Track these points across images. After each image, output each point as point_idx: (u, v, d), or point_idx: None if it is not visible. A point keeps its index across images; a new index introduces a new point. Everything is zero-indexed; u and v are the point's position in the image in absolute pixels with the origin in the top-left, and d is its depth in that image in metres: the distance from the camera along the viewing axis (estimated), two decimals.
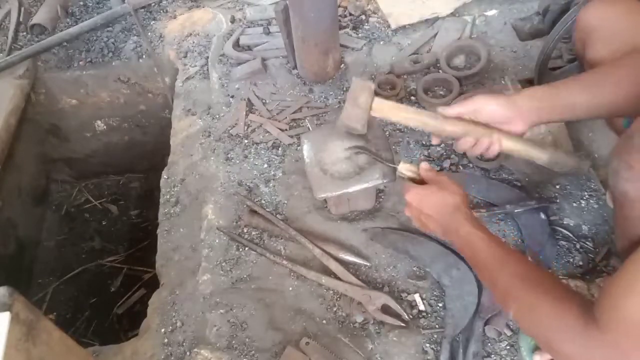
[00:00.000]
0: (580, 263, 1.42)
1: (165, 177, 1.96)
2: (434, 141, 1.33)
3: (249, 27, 2.26)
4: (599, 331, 0.78)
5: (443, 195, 1.14)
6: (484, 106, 1.18)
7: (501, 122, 1.19)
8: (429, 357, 1.30)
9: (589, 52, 1.30)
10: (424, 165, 1.22)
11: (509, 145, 1.24)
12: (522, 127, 1.19)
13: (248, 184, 1.74)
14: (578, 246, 1.45)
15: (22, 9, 2.60)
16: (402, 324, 1.35)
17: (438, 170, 1.64)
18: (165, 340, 1.48)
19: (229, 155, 1.83)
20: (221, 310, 1.45)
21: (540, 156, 1.29)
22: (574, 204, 1.53)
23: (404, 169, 1.24)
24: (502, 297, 0.99)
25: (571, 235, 1.47)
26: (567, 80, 1.18)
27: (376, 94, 1.33)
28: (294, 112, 1.92)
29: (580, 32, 1.33)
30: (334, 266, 1.47)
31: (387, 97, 1.85)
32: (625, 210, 0.94)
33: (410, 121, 1.29)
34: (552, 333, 0.85)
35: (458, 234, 1.09)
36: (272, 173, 1.75)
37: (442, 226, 1.14)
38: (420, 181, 1.23)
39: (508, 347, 1.30)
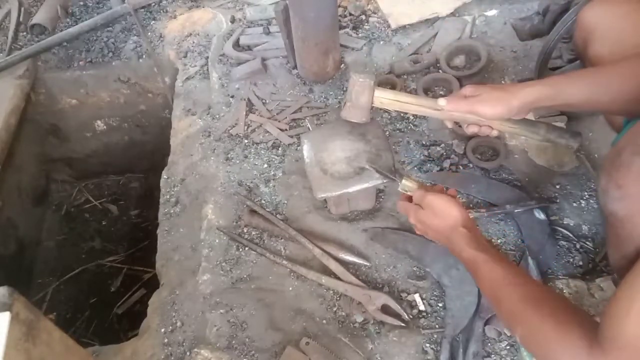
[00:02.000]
0: (580, 263, 1.42)
1: (165, 177, 1.96)
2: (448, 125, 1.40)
3: (249, 27, 2.26)
4: (602, 354, 0.77)
5: (438, 219, 1.15)
6: (485, 113, 1.19)
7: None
8: (429, 357, 1.30)
9: (590, 51, 1.30)
10: (414, 186, 1.24)
11: (507, 128, 1.30)
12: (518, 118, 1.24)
13: (248, 184, 1.74)
14: (578, 246, 1.45)
15: (22, 9, 2.60)
16: (402, 324, 1.35)
17: (438, 170, 1.65)
18: (165, 340, 1.48)
19: (229, 155, 1.83)
20: (221, 310, 1.45)
21: (535, 135, 1.34)
22: (574, 204, 1.53)
23: (407, 187, 1.25)
24: (506, 320, 0.99)
25: (571, 235, 1.47)
26: (568, 76, 1.20)
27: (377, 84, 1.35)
28: (294, 112, 1.92)
29: (581, 31, 1.34)
30: (334, 266, 1.47)
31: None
32: (615, 228, 0.92)
33: (411, 110, 1.33)
34: (557, 357, 0.84)
35: (461, 257, 1.11)
36: (272, 173, 1.75)
37: (445, 245, 1.17)
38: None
39: (508, 347, 1.30)
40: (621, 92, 1.07)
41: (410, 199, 1.25)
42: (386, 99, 1.32)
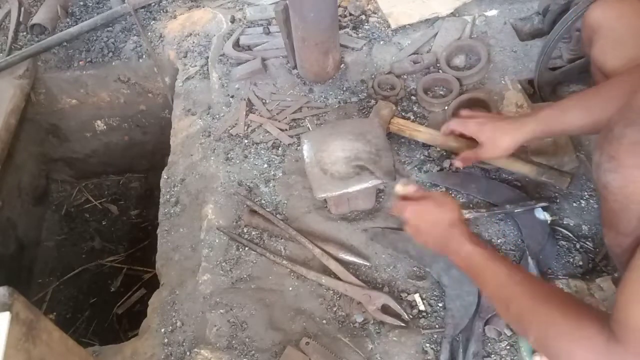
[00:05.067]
0: (580, 263, 1.42)
1: (165, 177, 1.96)
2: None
3: (249, 27, 2.26)
4: (619, 344, 0.77)
5: (439, 211, 1.16)
6: (498, 142, 1.31)
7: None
8: (429, 357, 1.30)
9: (594, 51, 1.31)
10: (412, 187, 1.24)
11: (501, 162, 1.51)
12: (519, 148, 1.34)
13: (248, 184, 1.74)
14: (578, 246, 1.45)
15: (22, 9, 2.60)
16: (402, 324, 1.35)
17: (438, 170, 1.66)
18: (165, 340, 1.48)
19: (229, 155, 1.83)
20: (221, 310, 1.45)
21: (525, 170, 1.50)
22: (574, 204, 1.53)
23: (401, 190, 1.25)
24: (517, 322, 0.97)
25: (571, 235, 1.47)
26: (569, 101, 1.25)
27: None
28: (294, 112, 1.92)
29: (587, 30, 1.35)
30: (334, 266, 1.47)
31: (386, 97, 1.86)
32: (609, 202, 0.94)
33: (420, 137, 1.60)
34: (575, 354, 0.84)
35: (459, 254, 1.10)
36: (272, 173, 1.75)
37: (439, 243, 1.16)
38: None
39: (508, 347, 1.30)
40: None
41: (406, 200, 1.25)
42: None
